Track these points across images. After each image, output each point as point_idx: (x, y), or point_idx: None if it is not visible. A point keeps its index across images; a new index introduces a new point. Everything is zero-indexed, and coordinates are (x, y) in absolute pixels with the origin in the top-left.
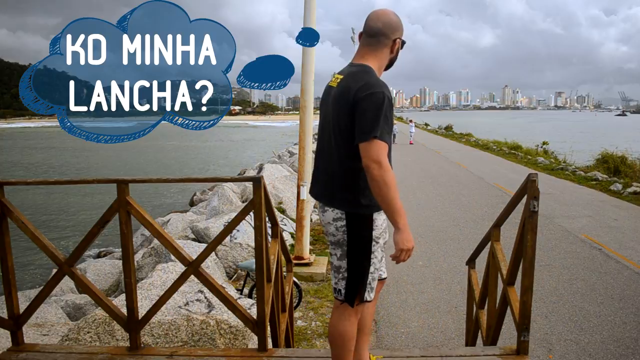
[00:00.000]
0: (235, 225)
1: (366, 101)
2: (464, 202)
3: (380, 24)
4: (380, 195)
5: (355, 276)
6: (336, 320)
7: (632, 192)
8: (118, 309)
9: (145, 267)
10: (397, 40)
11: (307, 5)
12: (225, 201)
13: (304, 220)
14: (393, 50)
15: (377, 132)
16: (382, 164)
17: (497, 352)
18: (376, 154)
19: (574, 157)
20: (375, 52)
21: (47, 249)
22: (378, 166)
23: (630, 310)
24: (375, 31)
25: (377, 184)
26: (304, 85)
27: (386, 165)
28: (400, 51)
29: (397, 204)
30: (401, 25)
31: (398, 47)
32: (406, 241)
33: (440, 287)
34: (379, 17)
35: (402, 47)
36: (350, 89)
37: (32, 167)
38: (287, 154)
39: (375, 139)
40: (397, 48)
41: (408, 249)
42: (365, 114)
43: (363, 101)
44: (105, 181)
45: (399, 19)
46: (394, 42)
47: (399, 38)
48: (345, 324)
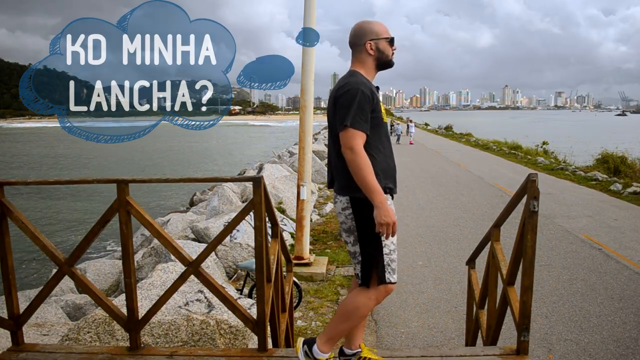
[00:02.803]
0: (235, 225)
1: (343, 97)
2: (464, 202)
3: (351, 36)
4: (355, 178)
5: (368, 258)
6: (355, 293)
7: (632, 192)
8: (118, 309)
9: (145, 267)
10: (368, 43)
11: (307, 5)
12: (225, 201)
13: (304, 220)
14: (370, 51)
15: (349, 121)
16: (353, 149)
17: (497, 352)
18: (348, 140)
19: (574, 157)
20: (357, 58)
21: (47, 249)
22: (350, 151)
23: (630, 310)
24: (350, 42)
25: (351, 167)
26: (304, 85)
27: (358, 150)
28: (388, 48)
29: (370, 183)
30: (372, 29)
31: (373, 47)
32: (384, 216)
33: (440, 287)
34: (351, 31)
35: (391, 44)
36: (335, 90)
37: (32, 167)
38: (287, 154)
39: (347, 127)
40: (375, 48)
41: (387, 223)
42: (342, 107)
43: (341, 97)
44: (105, 181)
45: (368, 25)
46: (365, 45)
47: (372, 40)
48: (362, 299)
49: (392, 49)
